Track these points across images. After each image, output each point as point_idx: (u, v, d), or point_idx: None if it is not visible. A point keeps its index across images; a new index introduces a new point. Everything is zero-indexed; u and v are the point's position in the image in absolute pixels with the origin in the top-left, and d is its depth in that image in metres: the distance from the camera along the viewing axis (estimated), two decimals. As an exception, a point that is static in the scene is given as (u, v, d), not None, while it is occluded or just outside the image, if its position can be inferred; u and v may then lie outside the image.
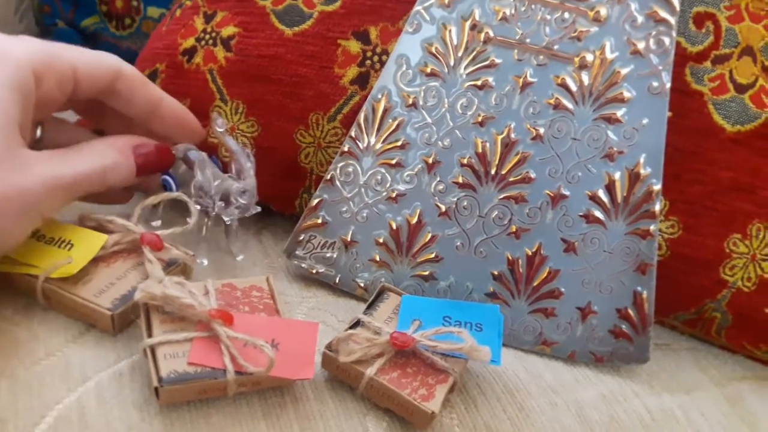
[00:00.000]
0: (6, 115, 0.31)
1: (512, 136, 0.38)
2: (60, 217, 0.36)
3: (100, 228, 0.36)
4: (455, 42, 0.39)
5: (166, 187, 0.40)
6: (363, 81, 0.41)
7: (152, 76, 0.45)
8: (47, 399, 0.30)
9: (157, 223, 0.41)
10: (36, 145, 0.36)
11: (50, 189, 0.32)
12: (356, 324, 0.35)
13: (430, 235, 0.40)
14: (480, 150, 0.39)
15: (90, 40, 0.65)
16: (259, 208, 0.40)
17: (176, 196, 0.39)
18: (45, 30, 0.65)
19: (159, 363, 0.30)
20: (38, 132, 0.37)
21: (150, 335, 0.31)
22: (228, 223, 0.40)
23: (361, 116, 0.39)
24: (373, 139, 0.40)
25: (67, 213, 0.36)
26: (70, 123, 0.41)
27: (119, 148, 0.36)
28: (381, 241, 0.40)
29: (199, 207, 0.39)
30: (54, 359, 0.32)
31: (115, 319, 0.33)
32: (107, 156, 0.35)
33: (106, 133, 0.40)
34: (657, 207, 0.38)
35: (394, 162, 0.40)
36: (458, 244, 0.40)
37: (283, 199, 0.45)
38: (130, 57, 0.64)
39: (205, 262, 0.40)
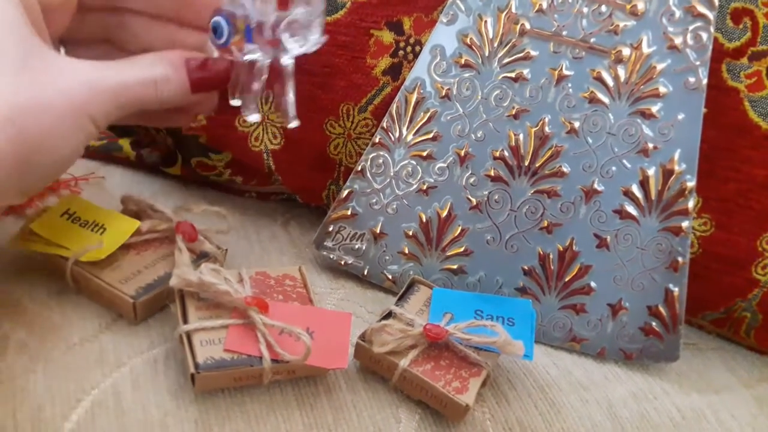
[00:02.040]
0: (12, 15, 0.28)
1: (546, 129, 0.38)
2: (104, 203, 0.36)
3: (140, 212, 0.36)
4: (491, 33, 0.38)
5: (216, 32, 0.33)
6: (395, 72, 0.40)
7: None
8: (83, 384, 0.30)
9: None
10: None
11: (96, 91, 0.29)
12: (388, 315, 0.35)
13: (460, 229, 0.40)
14: (513, 143, 0.38)
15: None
16: (323, 39, 0.34)
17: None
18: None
19: (195, 349, 0.30)
20: (61, 52, 0.35)
21: (185, 322, 0.31)
22: (285, 65, 0.34)
23: (394, 107, 0.39)
24: (405, 131, 0.39)
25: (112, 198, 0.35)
26: (119, 51, 0.36)
27: (170, 60, 0.33)
28: (411, 233, 0.40)
29: (253, 56, 0.33)
30: (88, 344, 0.31)
31: (137, 308, 0.33)
32: (156, 68, 0.32)
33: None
34: (690, 204, 0.38)
35: (425, 154, 0.39)
36: (489, 238, 0.39)
37: (310, 191, 0.44)
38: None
39: (257, 117, 0.35)
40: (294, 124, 0.35)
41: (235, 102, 0.35)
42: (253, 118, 0.34)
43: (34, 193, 0.30)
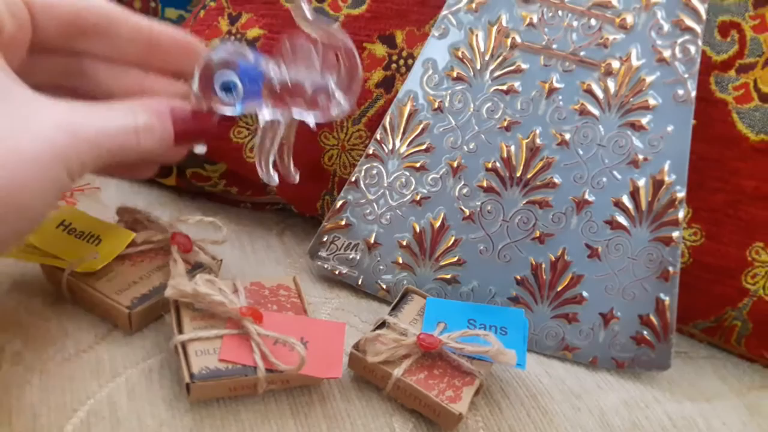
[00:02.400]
0: None
1: (538, 141, 0.39)
2: (99, 214, 0.36)
3: (136, 223, 0.37)
4: (482, 47, 0.39)
5: (231, 90, 0.31)
6: (388, 84, 0.41)
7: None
8: (79, 394, 0.30)
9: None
10: None
11: (74, 139, 0.26)
12: (381, 325, 0.35)
13: (453, 239, 0.40)
14: (505, 155, 0.39)
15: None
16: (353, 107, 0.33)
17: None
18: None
19: (190, 359, 0.30)
20: None
21: (180, 332, 0.31)
22: (313, 126, 0.33)
23: (387, 119, 0.40)
24: (398, 142, 0.40)
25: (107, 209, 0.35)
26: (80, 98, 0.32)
27: (154, 108, 0.30)
28: (404, 243, 0.40)
29: (270, 116, 0.32)
30: (84, 355, 0.32)
31: (132, 318, 0.33)
32: (139, 116, 0.29)
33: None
34: (680, 214, 0.38)
35: (418, 165, 0.40)
36: (482, 248, 0.40)
37: (305, 201, 0.45)
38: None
39: (276, 179, 0.34)
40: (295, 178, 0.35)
41: (199, 149, 0.33)
42: (275, 179, 0.34)
43: (1, 254, 0.26)
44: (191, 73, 0.32)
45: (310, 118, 0.33)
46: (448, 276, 0.40)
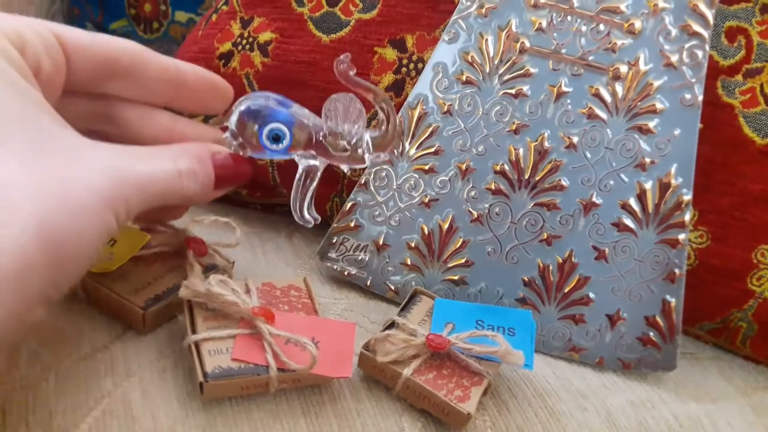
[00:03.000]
0: (11, 92, 0.25)
1: (546, 144, 0.39)
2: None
3: (149, 228, 0.37)
4: (492, 51, 0.39)
5: (280, 138, 0.33)
6: (398, 88, 0.41)
7: (188, 79, 0.45)
8: (94, 393, 0.30)
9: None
10: None
11: (123, 185, 0.26)
12: (391, 325, 0.36)
13: (461, 241, 0.40)
14: (513, 157, 0.39)
15: (118, 43, 0.66)
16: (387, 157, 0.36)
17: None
18: (74, 32, 0.66)
19: (203, 359, 0.30)
20: None
21: (194, 332, 0.32)
22: (347, 173, 0.37)
23: (399, 121, 0.40)
24: (407, 145, 0.40)
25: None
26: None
27: (196, 154, 0.30)
28: (413, 245, 0.41)
29: (310, 162, 0.34)
30: (99, 354, 0.32)
31: (146, 318, 0.33)
32: (181, 160, 0.29)
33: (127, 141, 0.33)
34: (687, 217, 0.38)
35: (427, 168, 0.40)
36: (490, 249, 0.40)
37: (315, 202, 0.45)
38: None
39: (312, 221, 0.36)
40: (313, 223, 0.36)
41: None
42: (310, 221, 0.36)
43: (54, 301, 0.25)
44: (216, 111, 0.34)
45: (345, 167, 0.35)
46: (456, 277, 0.41)
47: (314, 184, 0.35)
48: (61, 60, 0.29)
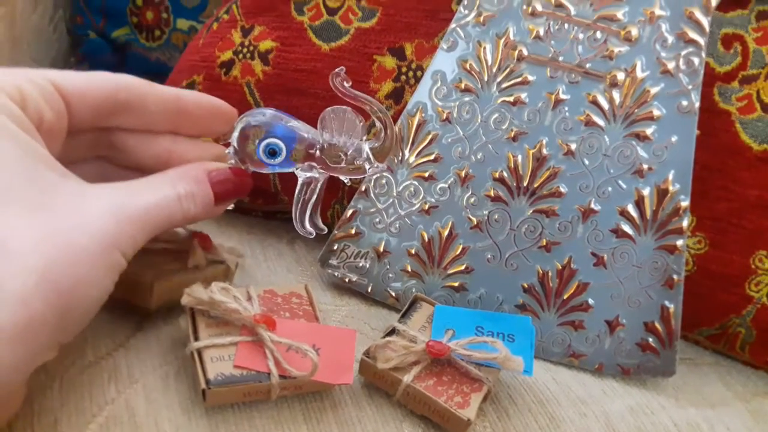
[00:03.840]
0: (13, 147, 0.26)
1: (544, 151, 0.39)
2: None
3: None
4: (490, 59, 0.40)
5: (276, 152, 0.34)
6: (398, 96, 0.42)
7: (189, 88, 0.46)
8: (98, 399, 0.31)
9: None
10: None
11: (123, 222, 0.27)
12: (391, 332, 0.36)
13: (461, 247, 0.41)
14: (512, 164, 0.40)
15: (120, 50, 0.66)
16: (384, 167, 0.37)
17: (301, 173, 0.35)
18: (76, 40, 0.66)
19: (206, 366, 0.31)
20: None
21: (196, 339, 0.32)
22: (347, 184, 0.37)
23: (396, 130, 0.40)
24: (407, 153, 0.41)
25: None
26: (112, 167, 0.35)
27: (193, 176, 0.32)
28: (413, 252, 0.41)
29: (309, 174, 0.35)
30: (103, 362, 0.33)
31: (154, 289, 0.34)
32: (178, 185, 0.31)
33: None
34: (685, 223, 0.39)
35: (427, 175, 0.41)
36: (489, 256, 0.40)
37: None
38: (159, 68, 0.66)
39: (314, 232, 0.37)
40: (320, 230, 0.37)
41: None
42: (310, 232, 0.36)
43: (65, 342, 0.27)
44: (220, 134, 0.35)
45: (345, 178, 0.36)
46: (456, 284, 0.41)
47: (315, 196, 0.36)
48: (61, 107, 0.30)
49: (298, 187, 0.36)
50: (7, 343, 0.23)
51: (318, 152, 0.34)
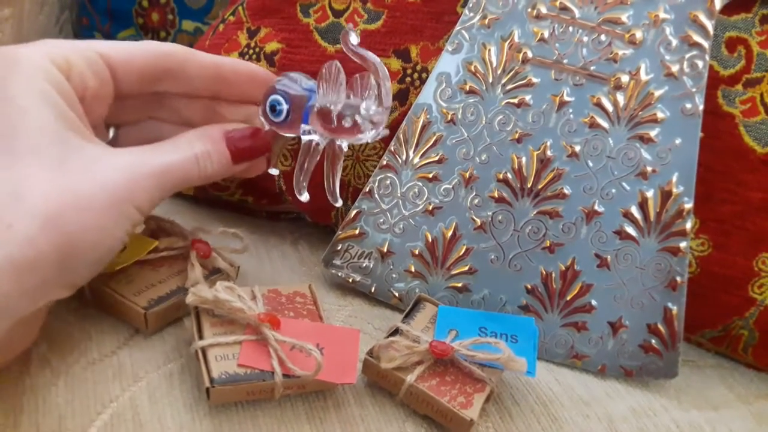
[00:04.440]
0: (46, 114, 0.28)
1: (548, 152, 0.40)
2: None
3: (158, 229, 0.38)
4: (494, 61, 0.40)
5: (276, 108, 0.34)
6: (403, 97, 0.42)
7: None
8: (102, 397, 0.31)
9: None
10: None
11: (137, 178, 0.30)
12: (395, 332, 0.36)
13: (465, 248, 0.41)
14: (516, 166, 0.40)
15: (126, 52, 0.67)
16: (386, 132, 0.34)
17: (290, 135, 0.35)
18: (83, 41, 0.67)
19: (210, 364, 0.31)
20: (111, 133, 0.36)
21: (201, 337, 0.32)
22: (338, 149, 0.35)
23: (401, 131, 0.41)
24: (411, 154, 0.41)
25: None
26: (166, 125, 0.38)
27: (209, 135, 0.34)
28: (417, 252, 0.41)
29: (313, 138, 0.35)
30: (107, 359, 0.33)
31: (147, 318, 0.34)
32: (196, 145, 0.33)
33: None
34: (688, 225, 0.39)
35: (431, 176, 0.41)
36: (493, 257, 0.41)
37: (319, 210, 0.46)
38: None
39: (307, 196, 0.37)
40: (339, 203, 0.37)
41: (273, 171, 0.37)
42: (305, 197, 0.36)
43: (81, 284, 0.30)
44: (259, 98, 0.35)
45: (344, 143, 0.35)
46: (460, 284, 0.41)
47: (312, 161, 0.35)
48: (106, 75, 0.32)
49: (301, 151, 0.35)
50: (14, 274, 0.26)
51: (315, 112, 0.34)
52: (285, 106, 0.34)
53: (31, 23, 0.57)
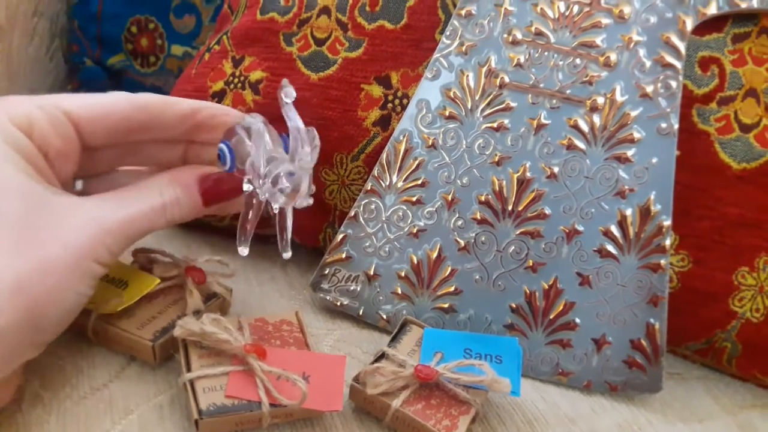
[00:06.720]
0: (8, 172, 0.28)
1: (528, 174, 0.40)
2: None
3: (151, 261, 0.39)
4: (472, 87, 0.41)
5: (220, 158, 0.35)
6: (385, 123, 0.43)
7: (182, 117, 0.47)
8: (94, 431, 0.31)
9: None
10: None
11: (100, 234, 0.30)
12: (381, 356, 0.37)
13: (449, 269, 0.42)
14: (497, 188, 0.41)
15: (116, 77, 0.68)
16: (311, 201, 0.36)
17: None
18: (73, 68, 0.67)
19: (198, 396, 0.32)
20: (78, 185, 0.36)
21: (189, 369, 0.33)
22: (275, 211, 0.36)
23: (384, 157, 0.42)
24: (395, 178, 0.42)
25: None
26: (141, 171, 0.38)
27: (182, 181, 0.34)
28: (403, 274, 0.42)
29: (250, 188, 0.34)
30: (98, 393, 0.33)
31: (156, 350, 0.35)
32: (165, 191, 0.33)
33: None
34: (667, 242, 0.40)
35: (415, 199, 0.41)
36: (477, 277, 0.41)
37: (307, 233, 0.47)
38: (155, 93, 0.67)
39: (246, 251, 0.36)
40: (287, 255, 0.37)
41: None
42: (243, 251, 0.36)
43: (50, 341, 0.30)
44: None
45: (275, 204, 0.35)
46: (446, 305, 0.42)
47: (253, 214, 0.35)
48: (71, 134, 0.32)
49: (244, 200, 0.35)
50: None
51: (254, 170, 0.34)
52: (228, 157, 0.35)
53: (21, 55, 0.57)
